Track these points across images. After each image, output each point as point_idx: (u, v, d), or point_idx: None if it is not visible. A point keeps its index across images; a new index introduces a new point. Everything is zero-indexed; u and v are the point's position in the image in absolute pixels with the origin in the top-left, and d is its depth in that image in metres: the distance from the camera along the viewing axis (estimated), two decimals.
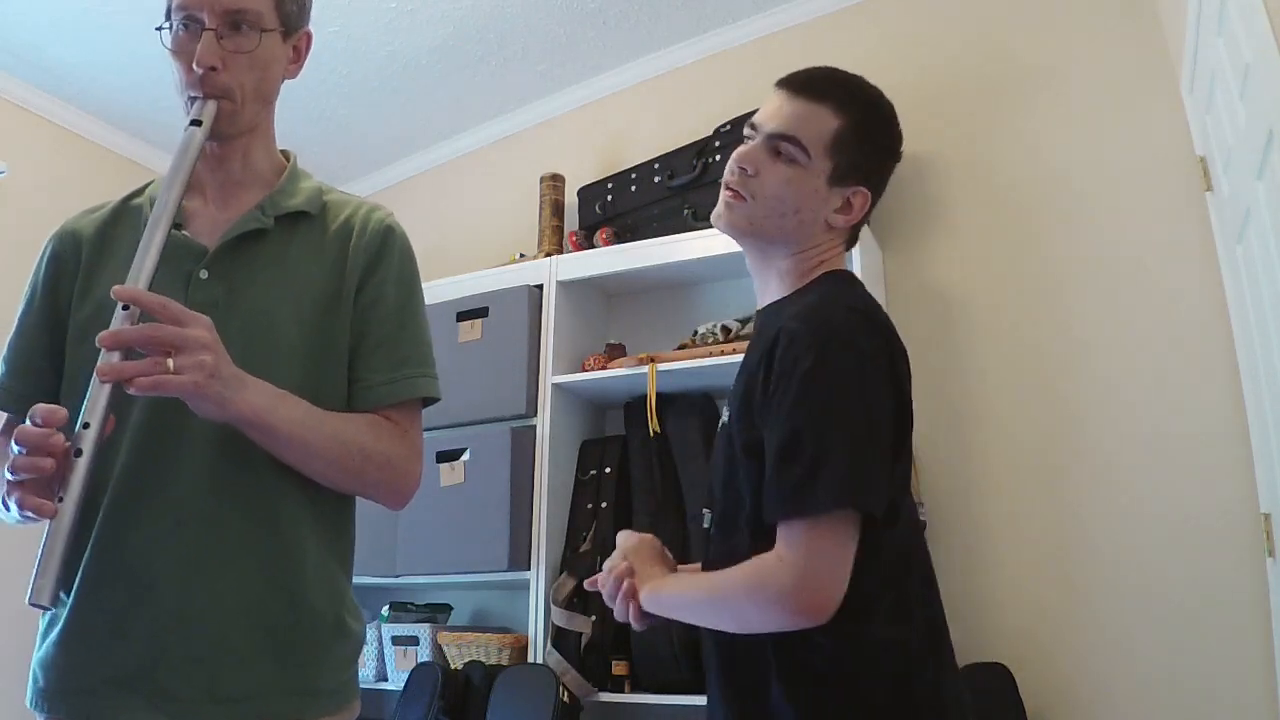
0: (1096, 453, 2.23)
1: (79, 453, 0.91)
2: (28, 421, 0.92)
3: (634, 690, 2.28)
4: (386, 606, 2.74)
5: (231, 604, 1.02)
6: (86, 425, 0.93)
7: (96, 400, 0.93)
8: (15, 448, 0.91)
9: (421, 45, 2.97)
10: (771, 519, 1.00)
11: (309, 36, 1.22)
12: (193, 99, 1.10)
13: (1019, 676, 2.05)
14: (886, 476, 1.01)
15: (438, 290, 2.86)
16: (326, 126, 3.34)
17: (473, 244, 3.28)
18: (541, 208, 2.95)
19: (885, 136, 1.24)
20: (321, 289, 1.14)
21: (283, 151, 1.26)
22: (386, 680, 2.63)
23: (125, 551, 1.01)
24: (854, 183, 1.18)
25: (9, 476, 0.91)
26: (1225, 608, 2.00)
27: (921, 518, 2.31)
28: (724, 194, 1.19)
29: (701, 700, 1.18)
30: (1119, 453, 2.21)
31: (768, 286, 1.22)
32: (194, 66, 1.08)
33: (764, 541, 1.01)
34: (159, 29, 1.11)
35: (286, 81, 1.23)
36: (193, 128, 1.08)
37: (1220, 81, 1.85)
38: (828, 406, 1.00)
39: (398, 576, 2.63)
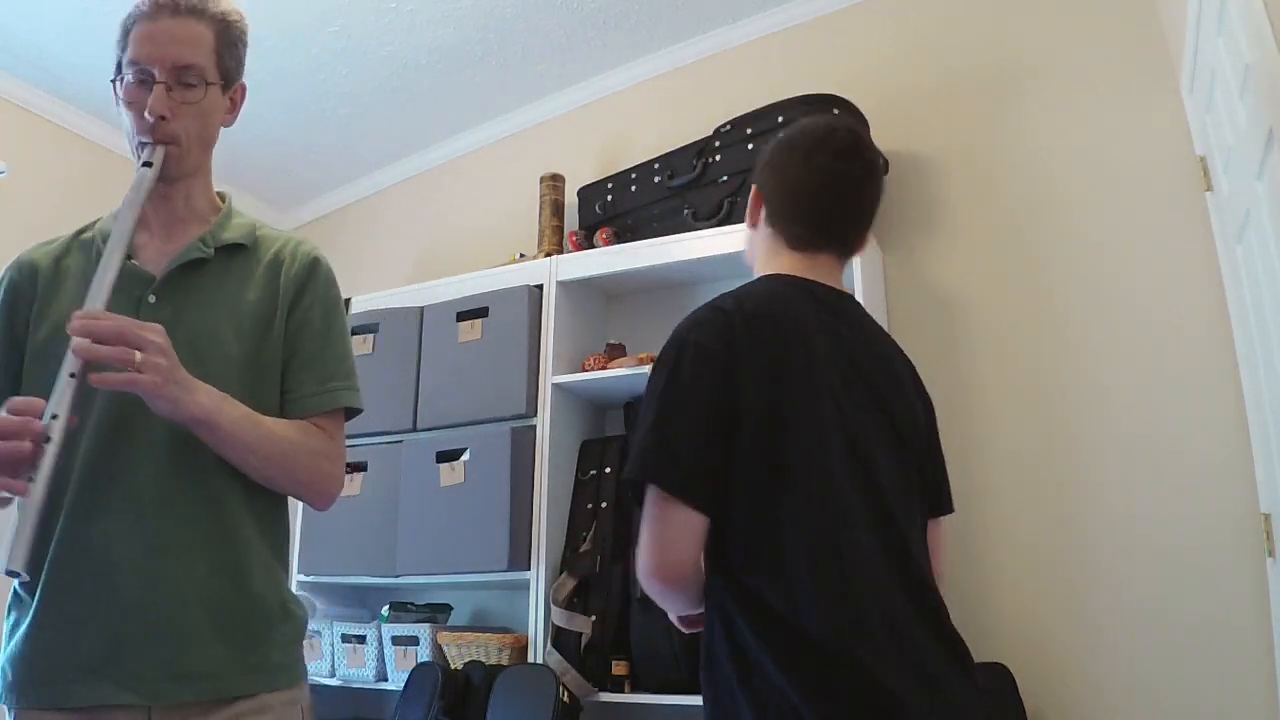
0: (1096, 452, 2.23)
1: (48, 439, 1.01)
2: (3, 412, 1.03)
3: (634, 690, 2.28)
4: (386, 606, 2.74)
5: (187, 590, 1.13)
6: (55, 417, 1.03)
7: (63, 396, 1.03)
8: None
9: (421, 45, 2.97)
10: (629, 497, 1.23)
11: (244, 89, 1.36)
12: (142, 144, 1.22)
13: (1019, 676, 2.05)
14: (684, 451, 1.15)
15: (438, 290, 2.86)
16: (326, 126, 3.34)
17: (473, 244, 3.28)
18: (541, 208, 2.95)
19: (777, 142, 1.41)
20: (257, 311, 1.27)
21: (219, 193, 1.39)
22: (386, 680, 2.63)
23: (88, 543, 1.12)
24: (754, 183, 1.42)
25: None
26: (1225, 608, 2.00)
27: None
28: None
29: (701, 700, 1.20)
30: (1118, 453, 2.21)
31: None
32: (145, 115, 1.20)
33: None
34: (112, 81, 1.24)
35: (287, 86, 1.32)
36: (144, 169, 1.21)
37: (1220, 81, 1.85)
38: (647, 394, 1.21)
39: (398, 576, 2.63)
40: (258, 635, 1.18)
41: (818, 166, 1.32)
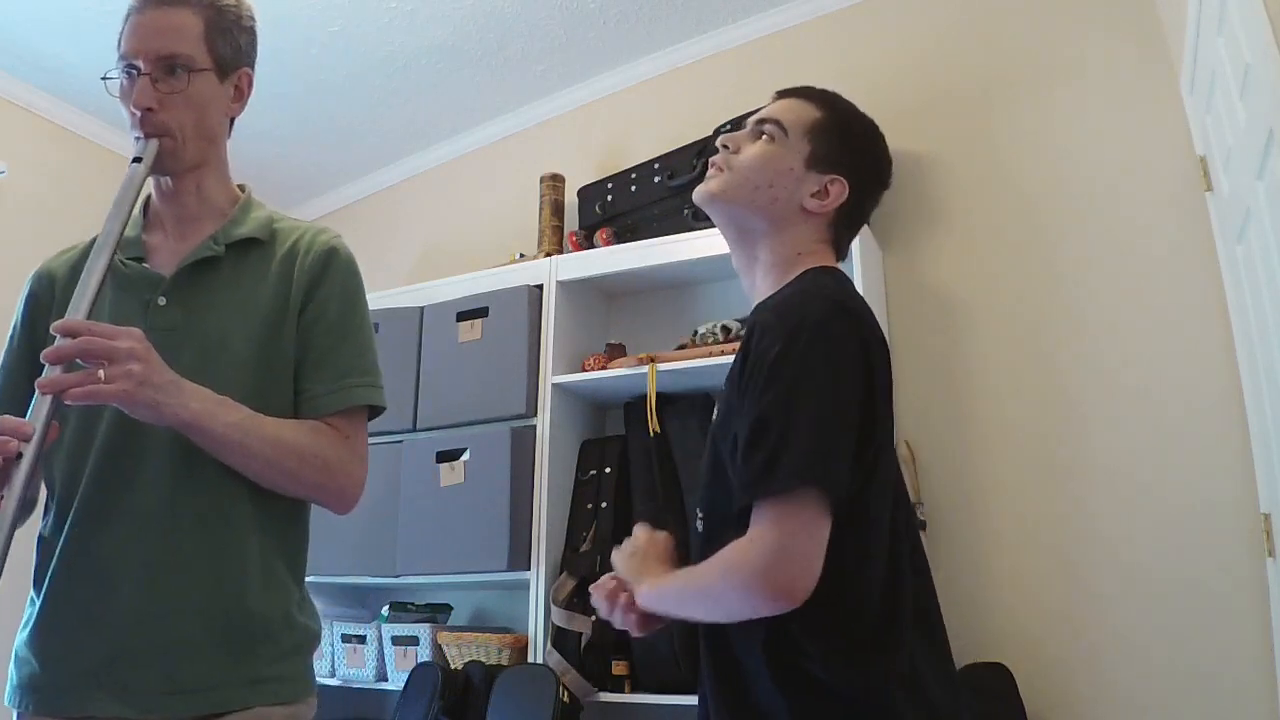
0: (1096, 453, 2.23)
1: (19, 456, 0.99)
2: None
3: (634, 690, 2.28)
4: (386, 606, 2.74)
5: (185, 604, 1.10)
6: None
7: (39, 411, 1.00)
8: None
9: (421, 45, 2.97)
10: (741, 502, 1.01)
11: (249, 76, 1.30)
12: (138, 139, 1.19)
13: (1019, 676, 2.05)
14: (849, 460, 1.01)
15: (438, 290, 2.86)
16: (327, 126, 3.34)
17: (473, 244, 3.28)
18: (541, 208, 2.95)
19: (866, 135, 1.27)
20: (269, 308, 1.22)
21: (240, 185, 1.33)
22: (386, 680, 2.63)
23: (91, 555, 1.10)
24: (831, 170, 1.20)
25: None
26: (1225, 608, 2.00)
27: (921, 516, 2.31)
28: (708, 172, 1.25)
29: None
30: (1118, 453, 2.21)
31: (754, 284, 1.24)
32: (131, 108, 1.17)
33: None
34: (104, 79, 1.22)
35: (287, 84, 1.32)
36: (134, 164, 1.16)
37: (1220, 81, 1.85)
38: (794, 390, 1.01)
39: (398, 576, 2.63)
40: (255, 648, 1.13)
41: (885, 191, 1.29)
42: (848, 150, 1.23)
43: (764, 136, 1.22)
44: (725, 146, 1.24)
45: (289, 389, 1.21)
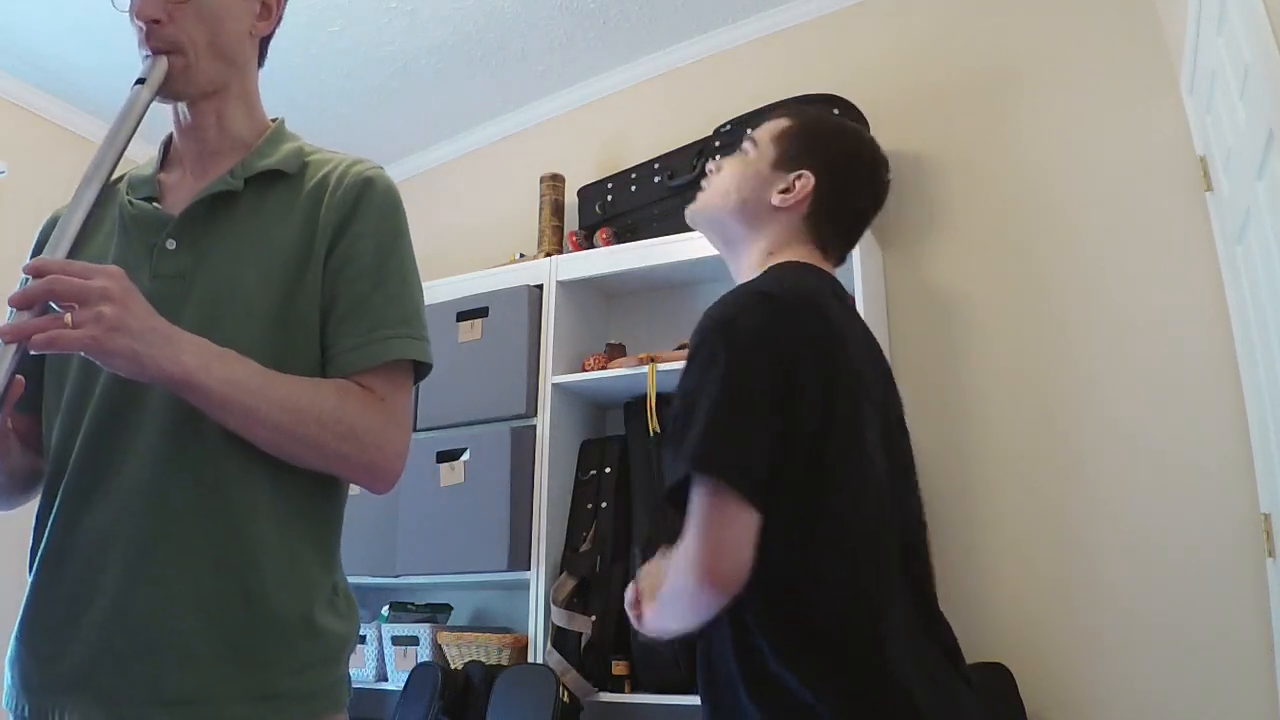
0: (1096, 453, 2.23)
1: None
2: None
3: (634, 690, 2.28)
4: (386, 606, 2.74)
5: (177, 595, 0.92)
6: None
7: (1, 362, 0.85)
8: None
9: (421, 45, 2.97)
10: (666, 497, 1.06)
11: None
12: (146, 57, 1.03)
13: (1019, 676, 2.05)
14: (751, 444, 1.03)
15: (438, 290, 2.86)
16: (326, 126, 3.34)
17: (473, 244, 3.28)
18: (541, 208, 2.95)
19: (835, 131, 1.34)
20: (291, 251, 1.04)
21: (274, 119, 1.18)
22: (386, 680, 2.63)
23: (79, 537, 0.95)
24: (798, 167, 1.25)
25: None
26: (1225, 608, 1.99)
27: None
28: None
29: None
30: (1118, 453, 2.21)
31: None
32: (135, 21, 1.02)
33: None
34: None
35: (284, 82, 1.23)
36: (136, 86, 1.00)
37: (1220, 81, 1.85)
38: (700, 383, 1.05)
39: (398, 576, 2.63)
40: (267, 655, 0.94)
41: (876, 189, 1.31)
42: (815, 146, 1.27)
43: (739, 152, 1.31)
44: (709, 171, 1.33)
45: (314, 347, 1.02)
